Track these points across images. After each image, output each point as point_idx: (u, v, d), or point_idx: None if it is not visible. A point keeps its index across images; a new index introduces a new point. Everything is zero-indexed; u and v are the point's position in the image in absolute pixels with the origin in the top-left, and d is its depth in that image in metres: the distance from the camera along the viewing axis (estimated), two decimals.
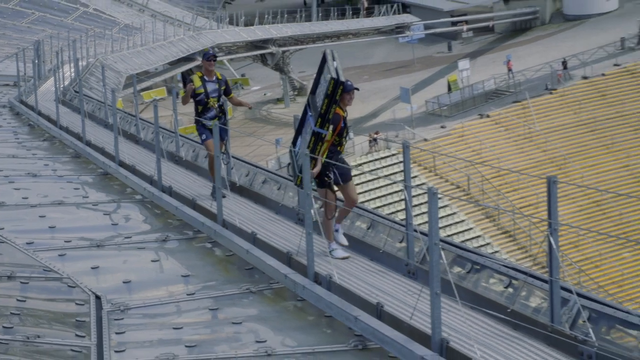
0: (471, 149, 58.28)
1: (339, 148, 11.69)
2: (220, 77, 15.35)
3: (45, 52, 44.91)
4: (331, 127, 11.29)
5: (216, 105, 15.28)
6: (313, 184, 11.53)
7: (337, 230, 12.07)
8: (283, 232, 13.54)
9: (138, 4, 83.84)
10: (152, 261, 13.33)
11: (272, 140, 59.86)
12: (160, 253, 13.82)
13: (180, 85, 70.25)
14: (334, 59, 11.20)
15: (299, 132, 11.95)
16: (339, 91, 11.02)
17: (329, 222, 11.83)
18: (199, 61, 71.07)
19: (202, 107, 15.23)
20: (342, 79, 11.01)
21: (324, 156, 11.41)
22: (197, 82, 15.10)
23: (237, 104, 16.97)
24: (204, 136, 15.38)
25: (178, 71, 69.45)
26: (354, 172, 12.38)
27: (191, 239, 14.39)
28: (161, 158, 17.72)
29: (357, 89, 11.71)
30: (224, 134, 15.01)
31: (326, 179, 11.60)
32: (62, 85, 33.53)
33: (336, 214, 12.02)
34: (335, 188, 11.98)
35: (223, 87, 15.47)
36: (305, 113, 11.76)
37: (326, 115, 11.12)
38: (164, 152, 18.61)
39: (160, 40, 67.20)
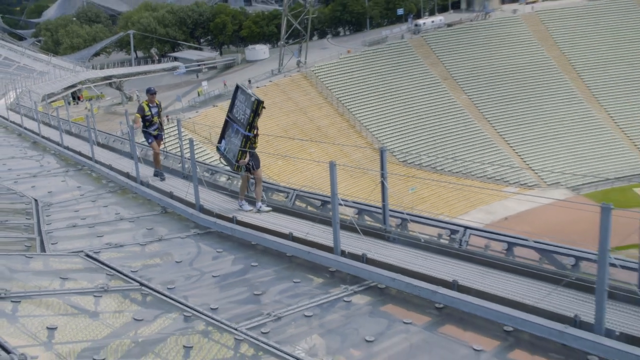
0: (210, 121, 57.22)
1: (254, 145, 8.82)
2: (158, 103, 11.99)
3: None
4: (255, 130, 8.73)
5: (157, 121, 11.83)
6: (242, 170, 8.88)
7: (254, 201, 9.11)
8: (125, 163, 13.00)
9: (45, 61, 76.55)
10: (62, 181, 12.44)
11: (122, 124, 55.83)
12: (65, 177, 12.86)
13: (71, 99, 64.51)
14: (248, 88, 9.17)
15: (222, 136, 9.21)
16: (260, 107, 8.77)
17: (244, 189, 9.02)
18: (77, 87, 65.82)
19: (148, 123, 11.71)
20: (261, 99, 8.85)
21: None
22: (146, 107, 11.74)
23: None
24: (149, 140, 11.84)
25: (69, 92, 63.77)
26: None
27: (80, 169, 13.55)
28: (63, 133, 16.71)
29: (265, 108, 8.99)
30: (161, 137, 11.86)
31: (248, 165, 8.74)
32: (9, 101, 31.70)
33: (254, 188, 9.16)
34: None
35: (160, 110, 12.03)
36: (226, 123, 9.31)
37: (253, 123, 8.68)
38: (63, 130, 17.44)
39: (58, 78, 62.03)
